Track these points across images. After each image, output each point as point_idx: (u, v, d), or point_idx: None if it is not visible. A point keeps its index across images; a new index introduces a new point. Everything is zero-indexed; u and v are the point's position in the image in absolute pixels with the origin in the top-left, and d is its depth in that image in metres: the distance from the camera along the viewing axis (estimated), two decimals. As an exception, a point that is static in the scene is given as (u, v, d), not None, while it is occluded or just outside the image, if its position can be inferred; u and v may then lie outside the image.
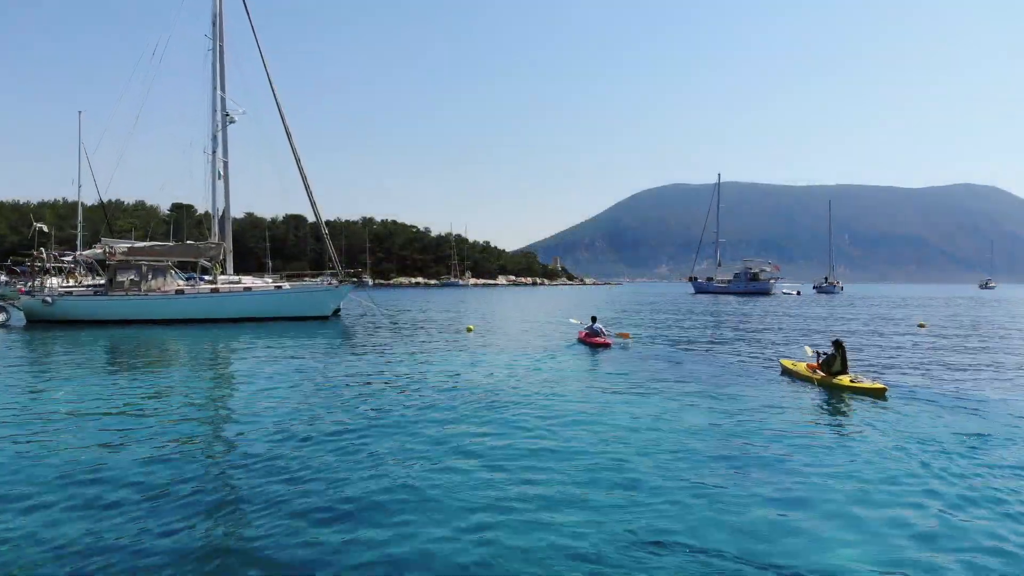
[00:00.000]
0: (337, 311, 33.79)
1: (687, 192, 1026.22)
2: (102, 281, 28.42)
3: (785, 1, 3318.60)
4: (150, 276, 27.75)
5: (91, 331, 24.54)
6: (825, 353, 13.94)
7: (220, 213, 32.89)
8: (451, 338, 22.71)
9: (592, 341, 20.66)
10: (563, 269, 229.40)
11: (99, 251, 28.68)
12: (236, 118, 30.52)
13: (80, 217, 57.60)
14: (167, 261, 28.92)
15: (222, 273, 30.56)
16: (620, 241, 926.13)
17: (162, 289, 27.70)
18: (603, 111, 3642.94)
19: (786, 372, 14.69)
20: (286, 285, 30.58)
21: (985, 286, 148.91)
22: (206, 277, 29.98)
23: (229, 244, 32.62)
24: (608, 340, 20.78)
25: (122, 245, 28.83)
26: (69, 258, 32.64)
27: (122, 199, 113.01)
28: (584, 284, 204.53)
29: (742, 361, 17.33)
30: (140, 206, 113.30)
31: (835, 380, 12.77)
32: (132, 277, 27.71)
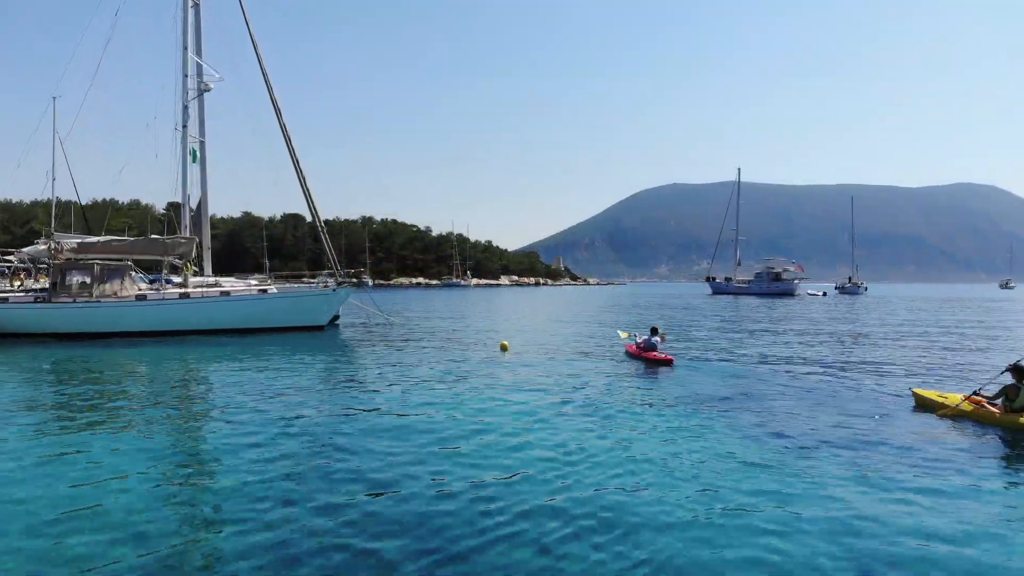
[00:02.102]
0: (336, 319, 28.58)
1: (687, 192, 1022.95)
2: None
3: (785, 0, 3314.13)
4: (104, 278, 22.48)
5: (27, 347, 19.40)
6: None
7: (197, 202, 27.72)
8: (482, 359, 17.53)
9: (649, 357, 16.74)
10: (566, 269, 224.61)
11: (43, 248, 23.32)
12: (212, 85, 25.28)
13: (55, 214, 52.56)
14: (127, 260, 23.65)
15: (196, 274, 25.31)
16: (620, 241, 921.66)
17: (119, 294, 22.42)
18: (602, 110, 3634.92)
19: (925, 405, 10.75)
20: (272, 288, 25.19)
21: (1005, 286, 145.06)
22: (175, 279, 24.73)
23: (207, 239, 27.38)
24: (669, 356, 16.64)
25: (71, 240, 23.50)
26: (13, 257, 27.32)
27: (116, 198, 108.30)
28: (588, 284, 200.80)
29: (854, 389, 12.81)
30: (135, 205, 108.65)
31: None
32: (82, 279, 22.49)
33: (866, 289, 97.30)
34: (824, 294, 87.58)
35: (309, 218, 26.57)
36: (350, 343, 21.75)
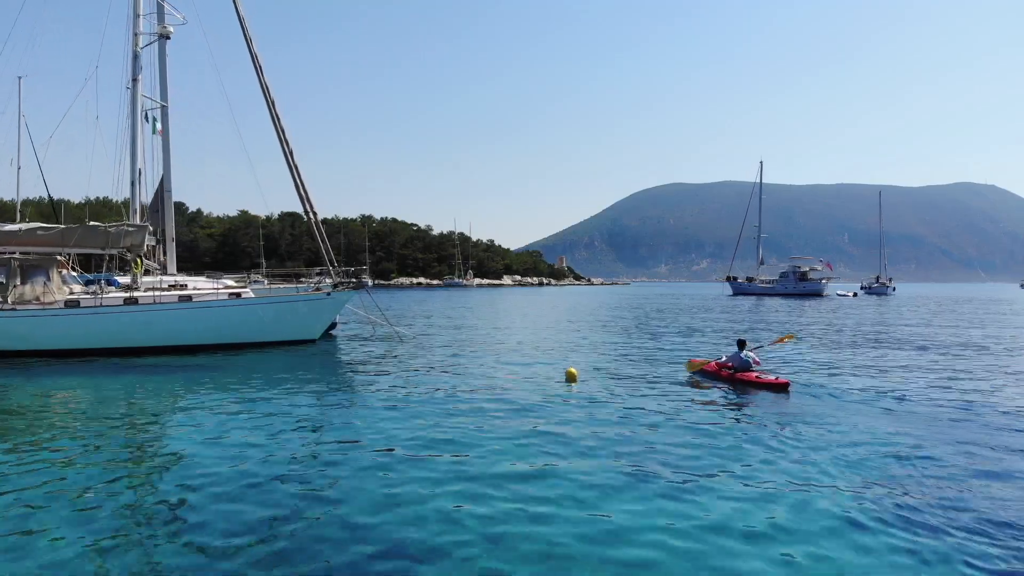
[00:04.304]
0: (332, 328, 23.08)
1: (686, 192, 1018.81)
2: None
3: (784, 0, 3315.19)
4: (24, 277, 16.92)
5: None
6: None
7: (159, 184, 22.20)
8: (542, 394, 12.01)
9: (747, 379, 12.65)
10: (569, 269, 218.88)
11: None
12: (172, 29, 19.75)
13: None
14: (57, 254, 18.08)
15: (151, 272, 19.74)
16: (619, 241, 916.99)
17: (42, 299, 16.86)
18: (602, 109, 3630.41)
19: None
20: (248, 291, 19.54)
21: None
22: (120, 280, 19.18)
23: (170, 229, 21.84)
24: (782, 378, 12.40)
25: (-15, 229, 17.92)
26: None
27: (110, 196, 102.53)
28: (592, 284, 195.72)
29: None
30: (128, 204, 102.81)
31: None
32: (-4, 279, 16.92)
33: (894, 289, 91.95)
34: (855, 294, 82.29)
35: (300, 205, 20.66)
36: (351, 364, 16.23)
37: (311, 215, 20.58)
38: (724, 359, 13.79)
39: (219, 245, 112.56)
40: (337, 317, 22.30)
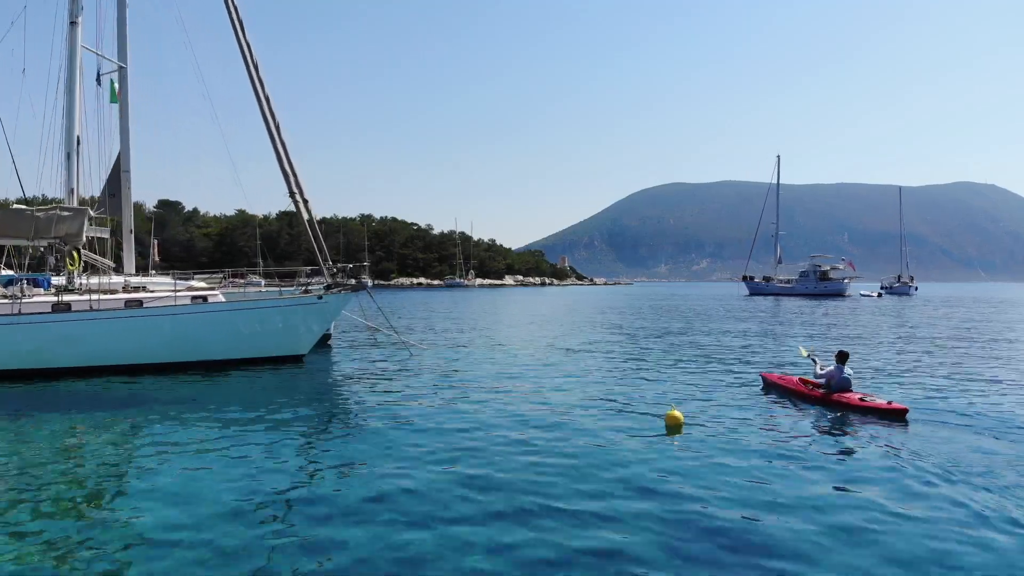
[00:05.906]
0: (327, 339, 19.13)
1: (686, 192, 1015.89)
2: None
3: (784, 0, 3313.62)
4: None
5: None
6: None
7: (115, 161, 18.23)
8: (649, 454, 8.05)
9: (844, 401, 10.05)
10: (572, 269, 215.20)
11: None
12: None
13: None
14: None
15: (100, 272, 15.74)
16: (619, 241, 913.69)
17: (-58, 305, 12.90)
18: (602, 110, 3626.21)
19: None
20: (217, 295, 15.47)
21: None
22: (56, 280, 15.23)
23: (128, 218, 17.88)
24: (897, 404, 9.73)
25: None
26: None
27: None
28: (594, 284, 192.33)
29: None
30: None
31: None
32: None
33: (916, 289, 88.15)
34: (880, 295, 78.48)
35: (285, 188, 16.41)
36: (350, 388, 12.28)
37: (299, 201, 16.42)
38: (820, 375, 10.81)
39: (216, 245, 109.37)
40: (332, 326, 18.35)
